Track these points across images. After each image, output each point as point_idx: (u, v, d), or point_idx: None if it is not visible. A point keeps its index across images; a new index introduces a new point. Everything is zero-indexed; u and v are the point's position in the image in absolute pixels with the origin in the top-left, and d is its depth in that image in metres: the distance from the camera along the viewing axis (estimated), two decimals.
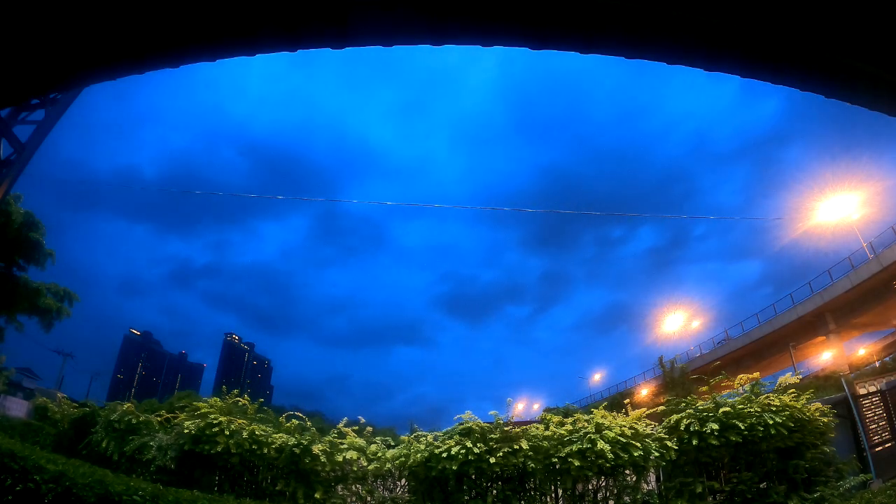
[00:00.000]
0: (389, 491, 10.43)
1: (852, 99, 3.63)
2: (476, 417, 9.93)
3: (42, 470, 5.89)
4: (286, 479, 9.76)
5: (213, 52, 3.92)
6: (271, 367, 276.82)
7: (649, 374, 50.07)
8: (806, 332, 38.87)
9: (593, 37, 3.53)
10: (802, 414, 9.69)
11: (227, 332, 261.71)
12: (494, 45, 3.73)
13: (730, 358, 43.05)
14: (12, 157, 16.49)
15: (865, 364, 36.24)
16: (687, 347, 51.77)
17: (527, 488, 9.63)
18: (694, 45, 3.46)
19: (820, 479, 9.37)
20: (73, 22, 3.30)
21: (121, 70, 4.09)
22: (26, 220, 19.70)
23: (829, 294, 36.19)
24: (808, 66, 3.38)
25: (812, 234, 42.47)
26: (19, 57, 3.46)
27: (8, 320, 20.95)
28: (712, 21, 3.17)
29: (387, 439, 11.25)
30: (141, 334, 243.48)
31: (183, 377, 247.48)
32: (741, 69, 3.63)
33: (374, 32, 3.67)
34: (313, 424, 11.08)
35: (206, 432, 9.64)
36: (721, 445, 9.40)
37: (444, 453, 9.12)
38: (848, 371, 29.65)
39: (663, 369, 32.33)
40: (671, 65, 3.75)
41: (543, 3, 3.29)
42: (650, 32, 3.39)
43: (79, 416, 13.37)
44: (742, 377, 11.15)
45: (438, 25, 3.57)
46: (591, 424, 9.55)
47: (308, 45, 3.83)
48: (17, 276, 20.25)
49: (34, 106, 17.27)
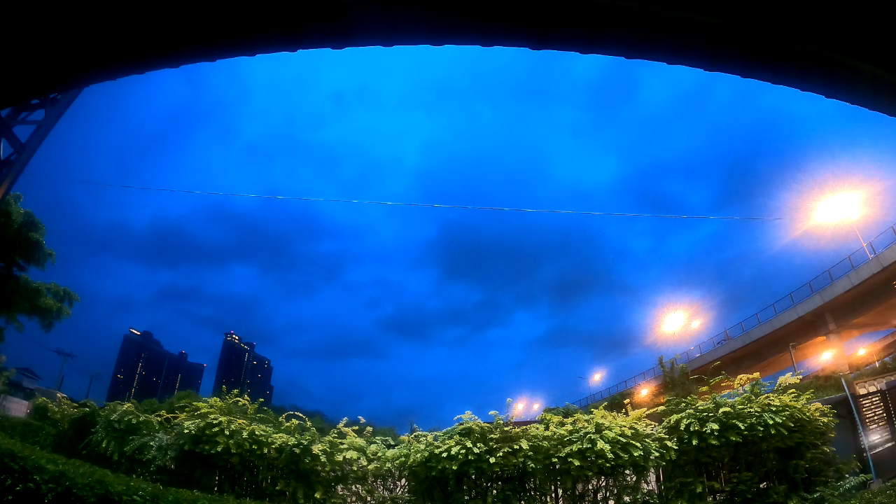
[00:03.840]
0: (389, 491, 10.42)
1: (852, 99, 3.63)
2: (476, 417, 9.93)
3: (42, 470, 5.89)
4: (286, 479, 9.76)
5: (212, 52, 3.92)
6: (271, 367, 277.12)
7: (649, 375, 50.12)
8: (806, 332, 38.84)
9: (593, 36, 3.53)
10: (802, 414, 9.69)
11: (227, 331, 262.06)
12: (494, 45, 3.73)
13: (730, 358, 43.01)
14: (12, 157, 16.49)
15: (865, 364, 36.30)
16: (687, 347, 51.85)
17: (527, 488, 9.63)
18: (694, 45, 3.46)
19: (820, 479, 9.37)
20: (73, 22, 3.30)
21: (121, 70, 4.09)
22: (26, 220, 19.68)
23: (829, 294, 36.15)
24: (808, 66, 3.38)
25: (812, 235, 42.55)
26: (19, 57, 3.46)
27: (8, 320, 20.93)
28: (712, 21, 3.17)
29: (387, 439, 11.26)
30: (141, 334, 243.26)
31: (183, 377, 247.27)
32: (741, 69, 3.63)
33: (374, 32, 3.67)
34: (313, 424, 11.08)
35: (206, 432, 9.64)
36: (721, 445, 9.39)
37: (444, 453, 9.13)
38: (848, 371, 29.66)
39: (663, 369, 32.26)
40: (671, 65, 3.75)
41: (543, 3, 3.29)
42: (650, 32, 3.39)
43: (79, 416, 13.37)
44: (742, 377, 11.15)
45: (438, 25, 3.57)
46: (591, 424, 9.55)
47: (308, 44, 3.83)
48: (17, 276, 20.24)
49: (34, 106, 17.27)
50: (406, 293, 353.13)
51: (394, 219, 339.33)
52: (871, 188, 35.95)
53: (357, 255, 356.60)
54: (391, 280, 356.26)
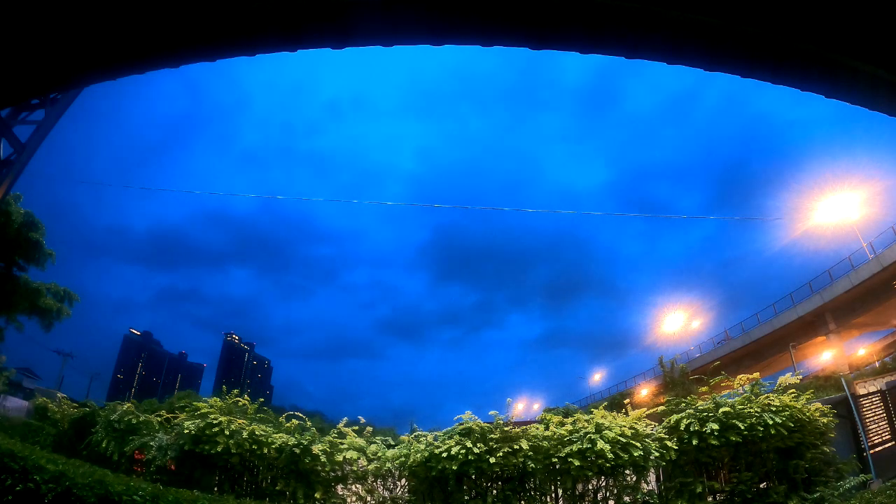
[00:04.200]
0: (389, 491, 10.42)
1: (852, 99, 3.63)
2: (476, 417, 9.93)
3: (42, 470, 5.89)
4: (286, 479, 9.76)
5: (212, 52, 3.92)
6: (271, 367, 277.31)
7: (649, 375, 50.11)
8: (806, 332, 38.84)
9: (593, 36, 3.53)
10: (802, 414, 9.69)
11: (227, 331, 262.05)
12: (494, 45, 3.73)
13: (730, 358, 43.01)
14: (12, 157, 16.49)
15: (865, 364, 36.25)
16: (687, 348, 51.85)
17: (527, 488, 9.63)
18: (694, 45, 3.46)
19: (820, 479, 9.37)
20: (72, 22, 3.30)
21: (121, 70, 4.09)
22: (26, 220, 19.68)
23: (829, 294, 36.15)
24: (808, 66, 3.38)
25: (812, 234, 42.54)
26: (19, 57, 3.46)
27: (8, 320, 20.94)
28: (712, 21, 3.17)
29: (387, 439, 11.26)
30: (141, 334, 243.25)
31: (183, 377, 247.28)
32: (741, 69, 3.63)
33: (374, 32, 3.67)
34: (313, 424, 11.08)
35: (206, 432, 9.64)
36: (721, 445, 9.39)
37: (444, 453, 9.13)
38: (848, 371, 29.66)
39: (663, 369, 32.27)
40: (671, 64, 3.75)
41: (543, 3, 3.29)
42: (650, 32, 3.40)
43: (79, 416, 13.38)
44: (742, 377, 11.15)
45: (439, 25, 3.57)
46: (591, 424, 9.55)
47: (308, 44, 3.83)
48: (17, 276, 20.24)
49: (34, 106, 17.26)
50: (401, 295, 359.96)
51: (388, 223, 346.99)
52: (871, 188, 35.98)
53: (353, 259, 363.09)
54: (387, 282, 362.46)
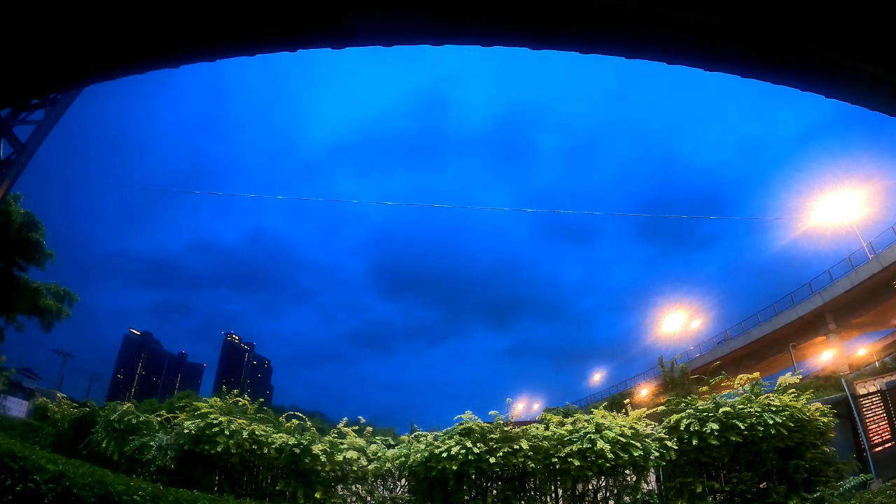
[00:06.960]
0: (389, 491, 10.43)
1: (852, 99, 3.63)
2: (476, 417, 9.93)
3: (42, 470, 5.89)
4: (286, 479, 9.76)
5: (212, 52, 3.92)
6: (271, 367, 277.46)
7: (649, 375, 50.11)
8: (806, 332, 38.84)
9: (593, 36, 3.53)
10: (802, 414, 9.69)
11: (227, 331, 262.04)
12: (494, 45, 3.74)
13: (730, 358, 43.00)
14: (12, 157, 16.48)
15: (865, 364, 36.22)
16: (686, 347, 51.83)
17: (527, 488, 9.63)
18: (694, 45, 3.46)
19: (820, 479, 9.37)
20: (72, 22, 3.30)
21: (121, 70, 4.09)
22: (26, 220, 19.69)
23: (829, 294, 36.15)
24: (808, 66, 3.39)
25: (812, 234, 42.52)
26: (19, 57, 3.46)
27: (8, 320, 20.94)
28: (712, 21, 3.17)
29: (387, 439, 11.26)
30: (141, 334, 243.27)
31: (183, 377, 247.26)
32: (741, 69, 3.63)
33: (375, 32, 3.67)
34: (313, 424, 11.08)
35: (206, 432, 9.64)
36: (721, 445, 9.39)
37: (444, 453, 9.12)
38: (848, 371, 29.65)
39: (663, 369, 32.28)
40: (671, 65, 3.76)
41: (543, 3, 3.29)
42: (650, 32, 3.40)
43: (79, 416, 13.37)
44: (742, 377, 11.15)
45: (439, 25, 3.58)
46: (591, 424, 9.55)
47: (308, 44, 3.84)
48: (17, 276, 20.24)
49: (34, 106, 17.25)
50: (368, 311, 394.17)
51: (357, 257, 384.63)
52: (871, 188, 35.96)
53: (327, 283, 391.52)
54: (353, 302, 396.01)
